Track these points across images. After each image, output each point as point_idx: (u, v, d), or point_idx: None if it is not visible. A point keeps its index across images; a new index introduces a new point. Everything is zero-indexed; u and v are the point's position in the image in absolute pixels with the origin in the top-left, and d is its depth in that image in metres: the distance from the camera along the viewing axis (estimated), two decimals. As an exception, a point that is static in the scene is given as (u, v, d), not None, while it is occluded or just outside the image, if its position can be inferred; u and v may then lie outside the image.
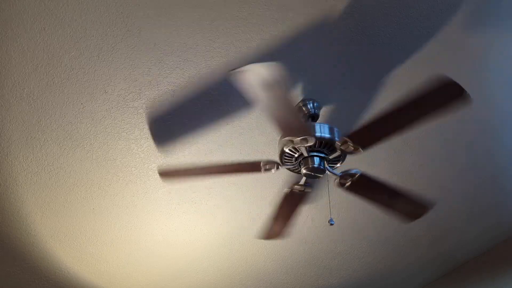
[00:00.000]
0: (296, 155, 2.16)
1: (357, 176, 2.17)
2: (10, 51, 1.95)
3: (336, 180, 2.23)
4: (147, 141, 2.43)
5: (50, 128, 2.29)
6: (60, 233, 2.91)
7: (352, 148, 2.04)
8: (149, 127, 2.37)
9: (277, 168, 2.19)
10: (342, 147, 2.06)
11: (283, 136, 2.02)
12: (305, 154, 2.14)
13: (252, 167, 2.17)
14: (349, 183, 2.20)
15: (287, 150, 2.14)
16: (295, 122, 1.94)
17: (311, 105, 2.31)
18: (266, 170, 2.18)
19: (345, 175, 2.18)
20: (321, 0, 1.92)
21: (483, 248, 3.74)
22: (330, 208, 3.08)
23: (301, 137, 2.01)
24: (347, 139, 2.01)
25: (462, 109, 1.92)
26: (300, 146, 2.09)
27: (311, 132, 2.07)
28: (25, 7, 1.81)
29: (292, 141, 2.03)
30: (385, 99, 2.40)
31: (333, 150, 2.14)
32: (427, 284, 4.19)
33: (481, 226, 3.48)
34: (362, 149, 2.03)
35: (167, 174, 2.24)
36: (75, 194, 2.66)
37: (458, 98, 1.72)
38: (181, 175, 2.25)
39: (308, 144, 2.06)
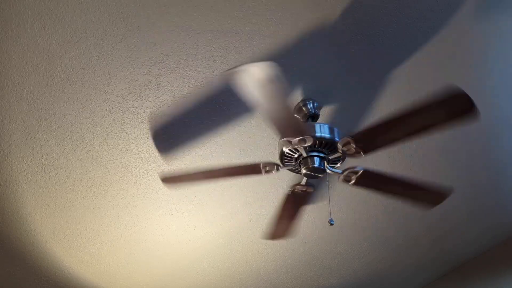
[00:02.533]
0: (296, 156, 2.16)
1: (360, 172, 2.15)
2: (10, 51, 1.95)
3: (340, 177, 2.21)
4: (147, 141, 2.43)
5: (50, 128, 2.29)
6: (60, 233, 2.91)
7: (354, 150, 2.02)
8: (150, 132, 2.37)
9: (278, 169, 2.19)
10: (344, 148, 2.05)
11: (282, 137, 2.02)
12: (304, 155, 2.14)
13: (253, 169, 2.17)
14: (354, 180, 2.18)
15: (286, 151, 2.13)
16: (293, 122, 1.94)
17: (311, 105, 2.31)
18: (266, 171, 2.18)
19: (348, 173, 2.17)
20: (321, 0, 1.92)
21: (483, 248, 3.75)
22: (330, 208, 3.08)
23: (299, 138, 2.00)
24: (350, 139, 1.99)
25: (469, 123, 1.86)
26: (299, 147, 2.08)
27: (310, 132, 2.06)
28: (25, 7, 1.81)
29: (290, 142, 2.03)
30: (385, 99, 2.40)
31: (334, 150, 2.13)
32: (427, 284, 4.19)
33: (481, 226, 3.48)
34: (363, 153, 2.02)
35: (169, 180, 2.25)
36: (75, 194, 2.66)
37: (468, 112, 1.68)
38: (183, 180, 2.25)
39: (307, 145, 2.05)
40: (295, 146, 2.07)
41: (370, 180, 2.20)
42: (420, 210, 3.20)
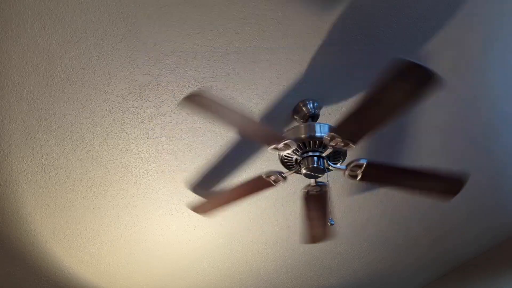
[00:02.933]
0: (294, 158, 2.18)
1: (364, 164, 2.09)
2: (10, 51, 1.95)
3: (345, 173, 2.16)
4: (147, 141, 2.43)
5: (50, 128, 2.29)
6: (60, 233, 2.91)
7: (342, 142, 1.99)
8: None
9: (281, 176, 2.21)
10: (332, 143, 2.02)
11: (267, 146, 2.06)
12: (299, 157, 2.16)
13: (263, 183, 2.22)
14: (360, 174, 2.12)
15: (284, 155, 2.15)
16: (266, 133, 1.98)
17: (311, 105, 2.31)
18: (275, 181, 2.22)
19: (351, 167, 2.12)
20: (321, 0, 1.92)
21: (483, 248, 3.75)
22: (330, 208, 3.07)
23: (282, 143, 2.03)
24: (334, 134, 1.97)
25: (435, 91, 1.78)
26: (288, 152, 2.11)
27: (288, 136, 2.10)
28: (25, 7, 1.81)
29: (276, 149, 2.05)
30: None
31: (325, 147, 2.12)
32: (427, 284, 4.19)
33: (481, 226, 3.48)
34: (352, 143, 1.98)
35: (200, 210, 2.42)
36: (75, 194, 2.66)
37: (427, 79, 1.63)
38: (212, 207, 2.39)
39: (292, 149, 2.08)
40: (285, 152, 2.10)
41: (376, 173, 2.13)
42: (423, 208, 3.20)
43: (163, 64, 2.10)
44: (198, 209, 2.43)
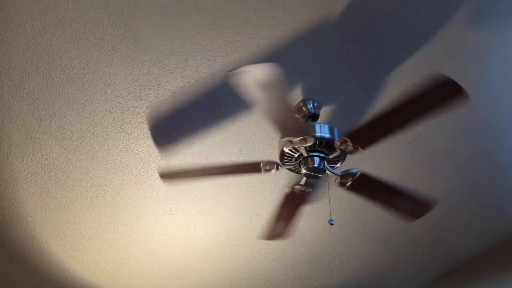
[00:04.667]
0: (296, 155, 2.16)
1: (357, 175, 2.16)
2: (10, 51, 1.95)
3: (337, 180, 2.22)
4: (147, 141, 2.43)
5: (50, 128, 2.29)
6: (60, 233, 2.91)
7: (352, 148, 2.03)
8: (149, 128, 2.37)
9: (277, 168, 2.19)
10: (341, 147, 2.06)
11: (282, 136, 2.02)
12: (305, 154, 2.14)
13: (253, 167, 2.17)
14: (350, 182, 2.19)
15: (287, 150, 2.13)
16: (294, 122, 1.94)
17: (311, 105, 2.31)
18: (266, 170, 2.17)
19: (345, 175, 2.18)
20: (321, 0, 1.92)
21: (483, 248, 3.75)
22: (330, 208, 3.08)
23: (300, 137, 2.01)
24: (346, 138, 2.00)
25: (460, 107, 1.89)
26: (299, 146, 2.09)
27: (310, 132, 2.07)
28: (25, 7, 1.81)
29: (291, 142, 2.03)
30: (385, 99, 2.40)
31: (333, 150, 2.13)
32: (427, 284, 4.19)
33: (481, 226, 3.48)
34: (361, 148, 2.03)
35: (167, 175, 2.23)
36: (75, 194, 2.66)
37: (457, 96, 1.71)
38: (182, 176, 2.23)
39: (308, 144, 2.06)
40: (296, 146, 2.07)
41: (364, 186, 2.21)
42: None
43: (163, 64, 2.10)
44: (168, 175, 2.24)
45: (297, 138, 2.01)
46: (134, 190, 2.71)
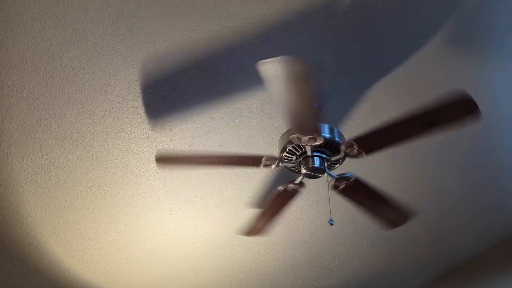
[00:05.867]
0: (298, 153, 2.15)
1: (351, 180, 2.18)
2: (10, 51, 1.95)
3: (331, 183, 2.23)
4: (147, 141, 2.43)
5: (50, 128, 2.29)
6: (60, 233, 2.91)
7: (356, 152, 2.03)
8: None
9: (277, 164, 2.17)
10: (346, 150, 2.06)
11: (293, 132, 1.99)
12: (309, 153, 2.13)
13: (253, 161, 2.13)
14: (343, 186, 2.21)
15: (290, 148, 2.12)
16: (310, 120, 1.92)
17: (311, 105, 2.31)
18: (265, 165, 2.14)
19: (340, 178, 2.19)
20: (321, 0, 1.92)
21: (483, 248, 3.74)
22: (330, 208, 3.08)
23: (310, 136, 2.00)
24: (353, 142, 2.00)
25: (470, 125, 1.90)
26: (306, 145, 2.07)
27: (321, 132, 2.05)
28: (25, 7, 1.81)
29: (300, 139, 2.01)
30: (385, 98, 2.40)
31: (337, 152, 2.13)
32: (427, 284, 4.19)
33: (481, 226, 3.48)
34: (365, 154, 2.03)
35: (164, 160, 2.14)
36: (75, 194, 2.66)
37: (471, 115, 1.72)
38: (179, 162, 2.16)
39: (316, 144, 2.05)
40: (303, 144, 2.06)
41: (354, 191, 2.23)
42: (423, 208, 3.21)
43: (163, 64, 2.10)
44: (165, 159, 2.16)
45: (307, 137, 2.00)
46: (134, 190, 2.71)
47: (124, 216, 2.87)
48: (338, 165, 2.22)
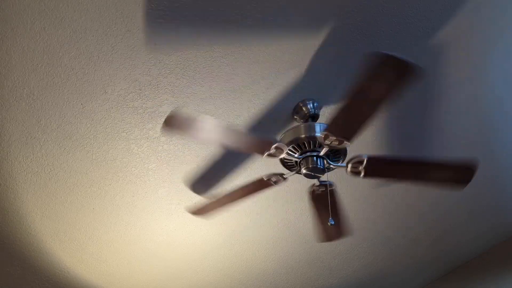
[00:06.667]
0: (294, 160, 2.18)
1: (365, 160, 2.06)
2: (10, 51, 1.95)
3: (348, 170, 2.13)
4: (147, 141, 2.43)
5: (50, 128, 2.29)
6: (60, 233, 2.91)
7: (337, 141, 1.98)
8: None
9: (284, 178, 2.23)
10: (326, 142, 2.00)
11: (261, 155, 2.07)
12: (297, 159, 2.16)
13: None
14: (363, 171, 2.09)
15: (284, 157, 2.16)
16: (254, 142, 2.00)
17: (311, 105, 2.31)
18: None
19: (353, 164, 2.10)
20: (321, 0, 1.92)
21: (483, 248, 3.74)
22: (330, 208, 3.07)
23: (272, 150, 2.05)
24: (327, 133, 1.95)
25: (417, 80, 1.79)
26: (282, 157, 2.12)
27: (286, 137, 2.14)
28: (25, 7, 1.81)
29: (271, 155, 2.08)
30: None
31: (321, 146, 2.10)
32: (427, 284, 4.19)
33: (481, 226, 3.48)
34: (346, 140, 1.96)
35: (199, 212, 2.43)
36: (75, 194, 2.66)
37: (407, 71, 1.64)
38: (211, 209, 2.40)
39: (285, 151, 2.08)
40: (279, 157, 2.10)
41: (379, 168, 2.10)
42: (423, 208, 3.20)
43: (163, 64, 2.10)
44: (197, 211, 2.43)
45: (272, 150, 2.05)
46: (134, 190, 2.71)
47: (124, 216, 2.87)
48: (341, 160, 2.22)
